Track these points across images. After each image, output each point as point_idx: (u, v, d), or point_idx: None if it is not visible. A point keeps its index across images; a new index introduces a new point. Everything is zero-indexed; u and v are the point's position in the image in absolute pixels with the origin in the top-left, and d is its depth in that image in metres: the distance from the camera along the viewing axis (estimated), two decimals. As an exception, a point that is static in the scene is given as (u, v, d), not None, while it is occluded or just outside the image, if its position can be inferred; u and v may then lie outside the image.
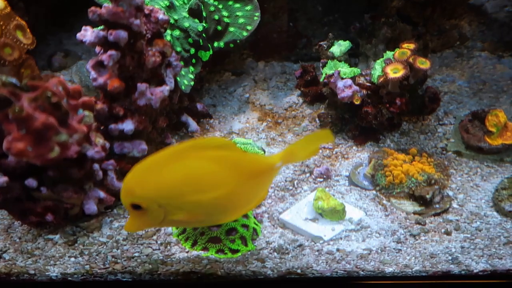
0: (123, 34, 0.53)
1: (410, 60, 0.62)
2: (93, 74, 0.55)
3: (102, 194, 0.56)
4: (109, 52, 0.53)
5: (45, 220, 0.54)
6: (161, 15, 0.52)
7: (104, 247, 0.55)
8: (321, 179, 0.65)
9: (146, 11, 0.52)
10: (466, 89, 0.76)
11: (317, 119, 0.74)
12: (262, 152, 0.67)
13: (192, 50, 0.63)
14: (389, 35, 0.73)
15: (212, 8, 0.66)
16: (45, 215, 0.54)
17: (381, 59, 0.65)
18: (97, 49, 0.56)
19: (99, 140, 0.52)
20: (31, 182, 0.50)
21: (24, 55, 0.58)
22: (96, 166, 0.54)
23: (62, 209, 0.54)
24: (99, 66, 0.53)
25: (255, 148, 0.65)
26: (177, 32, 0.61)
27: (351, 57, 0.76)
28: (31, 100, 0.45)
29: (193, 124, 0.67)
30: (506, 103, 0.72)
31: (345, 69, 0.67)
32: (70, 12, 0.88)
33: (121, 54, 0.54)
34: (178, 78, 0.60)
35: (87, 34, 0.51)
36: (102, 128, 0.57)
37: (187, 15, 0.62)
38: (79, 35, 0.52)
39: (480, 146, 0.64)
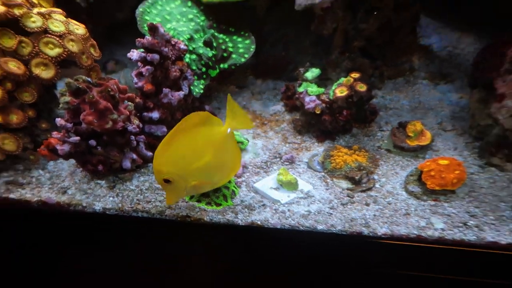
0: (156, 56, 0.76)
1: (353, 85, 0.87)
2: (135, 79, 0.79)
3: (134, 156, 0.78)
4: (147, 67, 0.77)
5: (97, 169, 0.77)
6: (182, 45, 0.80)
7: (132, 193, 0.77)
8: (287, 163, 0.86)
9: (173, 42, 0.80)
10: (406, 106, 0.97)
11: (292, 123, 1.00)
12: (247, 141, 0.93)
13: (204, 69, 0.90)
14: (349, 66, 0.96)
15: (220, 41, 0.93)
16: (97, 166, 0.77)
17: (336, 83, 0.90)
18: (139, 63, 0.79)
19: (136, 121, 0.77)
20: (92, 142, 0.73)
21: (93, 63, 0.89)
22: (132, 137, 0.77)
23: (109, 163, 0.77)
24: (140, 75, 0.79)
25: (242, 138, 0.92)
26: (193, 56, 0.88)
27: (323, 80, 1.01)
28: (98, 92, 0.73)
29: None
30: (431, 117, 0.93)
31: (312, 89, 0.92)
32: (119, 30, 1.13)
33: (154, 69, 0.78)
34: (191, 87, 0.87)
35: (134, 54, 0.79)
36: (138, 114, 0.81)
37: (202, 45, 0.90)
38: (129, 54, 0.80)
39: (402, 146, 0.84)
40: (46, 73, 0.74)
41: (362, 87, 0.84)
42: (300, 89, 0.92)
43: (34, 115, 0.78)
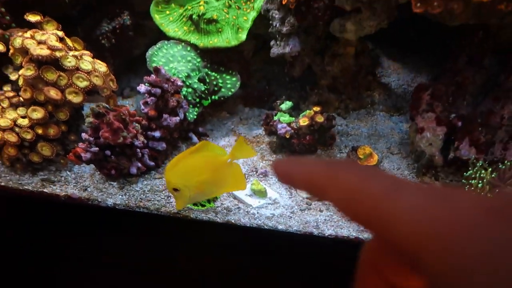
0: (158, 90, 0.97)
1: (313, 116, 1.08)
2: (142, 107, 1.00)
3: (139, 164, 0.97)
4: (151, 98, 0.99)
5: (111, 173, 0.97)
6: (179, 82, 1.03)
7: (137, 193, 0.97)
8: (262, 176, 1.06)
9: (172, 80, 1.03)
10: (365, 133, 1.17)
11: (269, 144, 1.21)
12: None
13: (198, 100, 1.14)
14: (316, 100, 1.19)
15: (212, 77, 1.17)
16: (111, 171, 0.96)
17: (302, 114, 1.12)
18: (146, 95, 1.02)
19: (141, 138, 1.01)
20: (107, 152, 0.93)
21: (111, 93, 1.14)
22: (138, 150, 0.97)
23: (119, 169, 0.96)
24: (146, 103, 1.03)
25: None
26: (190, 90, 1.12)
27: (296, 111, 1.23)
28: (113, 115, 0.98)
29: (194, 138, 1.18)
30: (383, 143, 1.12)
31: (284, 118, 1.14)
32: (135, 63, 1.35)
33: (156, 99, 1.02)
34: (187, 113, 1.11)
35: (142, 87, 1.03)
36: (144, 133, 1.02)
37: (197, 81, 1.14)
38: (138, 88, 1.05)
39: None
40: (76, 99, 0.99)
41: (320, 118, 1.05)
42: (275, 118, 1.14)
43: (65, 129, 1.03)
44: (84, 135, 0.96)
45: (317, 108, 1.07)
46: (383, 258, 0.18)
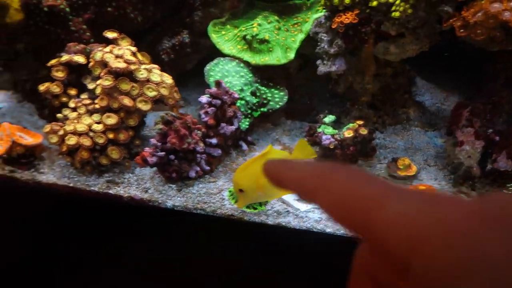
0: (218, 101, 1.07)
1: (357, 129, 1.18)
2: (202, 115, 1.11)
3: (198, 168, 1.07)
4: (211, 108, 1.13)
5: (172, 176, 1.06)
6: (235, 95, 1.14)
7: (193, 195, 1.05)
8: None
9: (230, 93, 1.15)
10: (401, 147, 1.26)
11: (312, 154, 1.31)
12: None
13: (249, 111, 1.25)
14: (357, 115, 1.29)
15: (262, 92, 1.28)
16: (172, 174, 1.04)
17: (346, 127, 1.22)
18: (205, 105, 1.21)
19: (201, 144, 1.15)
20: (172, 156, 1.05)
21: (175, 103, 1.26)
22: (198, 155, 1.12)
23: (180, 172, 1.07)
24: (206, 113, 1.14)
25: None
26: (243, 102, 1.23)
27: (338, 124, 1.33)
28: (180, 123, 1.09)
29: (244, 146, 1.28)
30: (419, 155, 1.20)
31: (328, 130, 1.24)
32: (187, 76, 1.49)
33: (216, 110, 1.18)
34: (240, 123, 1.22)
35: (203, 98, 1.15)
36: (202, 140, 1.19)
37: (249, 94, 1.26)
38: (199, 98, 1.15)
39: (395, 175, 1.14)
40: (145, 107, 1.10)
41: (363, 131, 1.15)
42: (319, 130, 1.24)
43: (132, 135, 1.14)
44: (152, 140, 1.07)
45: (360, 122, 1.17)
46: (375, 263, 0.18)
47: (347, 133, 1.16)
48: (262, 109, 1.26)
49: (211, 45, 1.42)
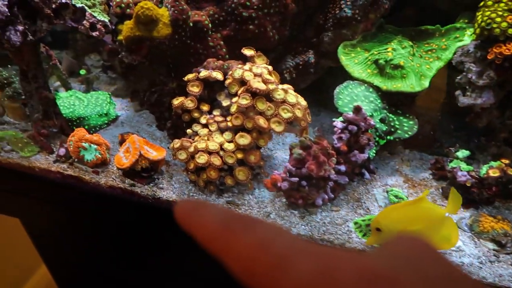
0: (355, 128, 1.03)
1: (504, 169, 1.09)
2: (335, 141, 1.08)
3: (325, 196, 1.02)
4: (346, 134, 1.10)
5: (297, 202, 1.02)
6: (372, 122, 1.09)
7: (318, 224, 1.00)
8: None
9: (367, 119, 1.10)
10: None
11: (440, 189, 1.22)
12: (406, 198, 1.17)
13: (377, 139, 1.20)
14: (495, 152, 1.20)
15: (390, 119, 1.23)
16: (298, 200, 1.01)
17: (487, 165, 1.13)
18: (339, 130, 1.17)
19: (333, 171, 1.10)
20: (304, 182, 1.03)
21: (307, 125, 1.22)
22: (329, 183, 1.12)
23: (306, 198, 1.03)
24: (340, 138, 1.12)
25: (402, 195, 1.16)
26: (372, 129, 1.19)
27: (470, 160, 1.24)
28: (318, 148, 1.05)
29: (367, 174, 1.22)
30: None
31: (464, 166, 1.16)
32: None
33: (350, 136, 1.12)
34: (369, 151, 1.17)
35: (338, 123, 1.11)
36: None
37: (378, 121, 1.19)
38: (334, 123, 1.13)
39: None
40: (278, 128, 1.07)
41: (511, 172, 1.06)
42: (453, 165, 1.15)
43: (260, 156, 1.11)
44: (288, 166, 1.03)
45: (506, 161, 1.08)
46: None
47: (492, 172, 1.07)
48: (388, 137, 1.19)
49: (328, 67, 1.38)
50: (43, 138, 1.18)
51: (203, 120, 1.11)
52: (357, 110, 1.06)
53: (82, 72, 1.56)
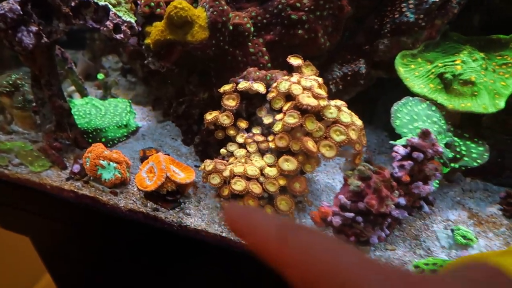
0: (421, 155, 0.88)
1: None
2: (396, 169, 0.91)
3: (382, 234, 0.88)
4: (409, 162, 0.89)
5: (349, 239, 0.90)
6: (440, 149, 0.93)
7: None
8: None
9: (435, 146, 0.93)
10: None
11: (511, 229, 1.05)
12: (476, 239, 0.99)
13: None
14: None
15: (456, 144, 1.05)
16: (350, 237, 0.86)
17: None
18: (400, 157, 0.99)
19: (393, 206, 0.93)
20: (359, 218, 0.88)
21: (362, 148, 1.04)
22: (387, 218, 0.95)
23: (359, 235, 0.88)
24: (401, 166, 0.96)
25: (471, 235, 0.99)
26: (437, 157, 1.01)
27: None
28: (380, 180, 0.89)
29: (426, 207, 1.05)
30: None
31: (544, 201, 0.98)
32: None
33: (414, 164, 0.95)
34: (434, 182, 0.99)
35: (400, 149, 0.94)
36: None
37: (443, 146, 1.02)
38: (395, 148, 0.96)
39: None
40: (329, 153, 0.90)
41: None
42: (530, 200, 0.98)
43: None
44: (342, 198, 0.86)
45: None
46: None
47: None
48: (453, 164, 1.02)
49: (377, 78, 1.21)
50: (56, 151, 1.04)
51: (240, 139, 0.95)
52: (425, 134, 0.89)
53: (100, 76, 1.41)
